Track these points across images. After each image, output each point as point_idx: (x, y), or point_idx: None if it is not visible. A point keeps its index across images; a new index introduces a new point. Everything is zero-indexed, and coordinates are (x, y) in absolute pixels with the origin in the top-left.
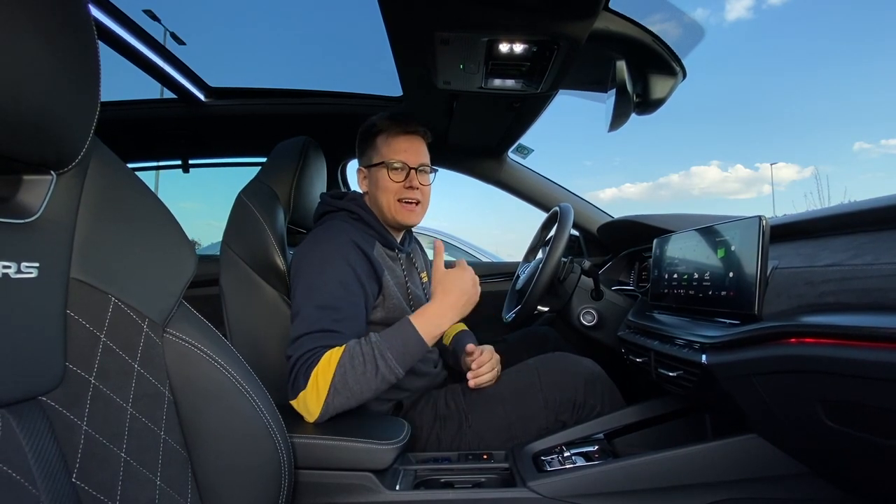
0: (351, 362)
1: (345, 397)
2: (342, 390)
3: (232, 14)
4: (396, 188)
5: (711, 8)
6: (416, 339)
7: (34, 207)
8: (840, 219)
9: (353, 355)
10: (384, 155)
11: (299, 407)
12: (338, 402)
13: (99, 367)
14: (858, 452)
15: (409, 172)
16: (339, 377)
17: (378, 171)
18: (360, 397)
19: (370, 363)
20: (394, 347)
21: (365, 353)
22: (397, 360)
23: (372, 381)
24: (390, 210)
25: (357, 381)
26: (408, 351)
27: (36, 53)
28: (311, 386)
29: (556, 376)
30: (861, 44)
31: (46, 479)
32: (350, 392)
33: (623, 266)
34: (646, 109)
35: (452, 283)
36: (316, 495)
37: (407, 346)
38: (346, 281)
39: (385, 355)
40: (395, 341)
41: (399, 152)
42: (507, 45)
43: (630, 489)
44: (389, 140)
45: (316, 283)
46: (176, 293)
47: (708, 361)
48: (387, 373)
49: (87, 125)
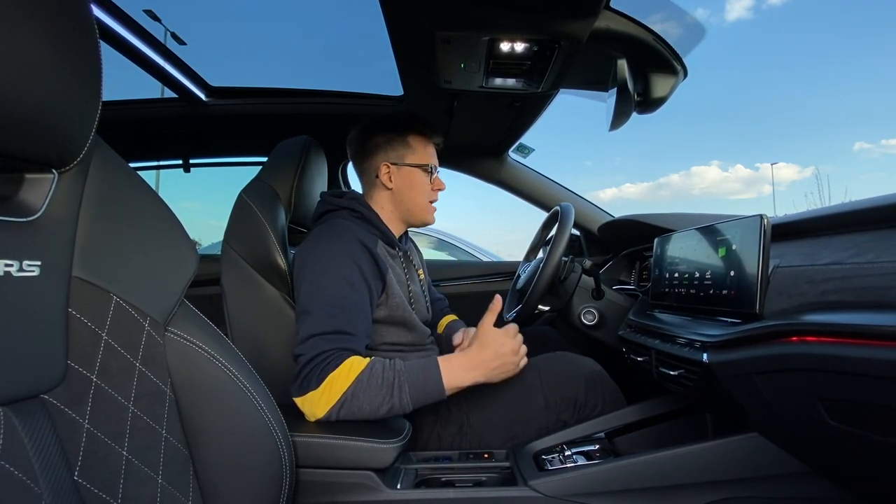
0: (369, 381)
1: (349, 411)
2: (351, 404)
3: (233, 14)
4: (429, 190)
5: (712, 8)
6: (437, 382)
7: (36, 206)
8: (841, 218)
9: (374, 375)
10: (423, 157)
11: (303, 405)
12: (342, 413)
13: (100, 365)
14: (860, 451)
15: (437, 177)
16: (353, 390)
17: (414, 171)
18: (362, 415)
19: (386, 389)
20: (414, 383)
21: (385, 378)
22: (412, 396)
23: (380, 407)
24: (421, 210)
25: (368, 401)
26: (425, 391)
27: (38, 52)
28: (323, 388)
29: (556, 376)
30: (861, 43)
31: (48, 476)
32: (357, 408)
33: (624, 265)
34: (647, 108)
35: (493, 341)
36: (317, 494)
37: (426, 387)
38: (352, 280)
39: (403, 388)
40: (417, 378)
41: (433, 157)
42: (507, 44)
43: (631, 488)
44: (426, 144)
45: (323, 283)
46: (177, 292)
47: (709, 360)
48: (396, 404)
49: (89, 124)
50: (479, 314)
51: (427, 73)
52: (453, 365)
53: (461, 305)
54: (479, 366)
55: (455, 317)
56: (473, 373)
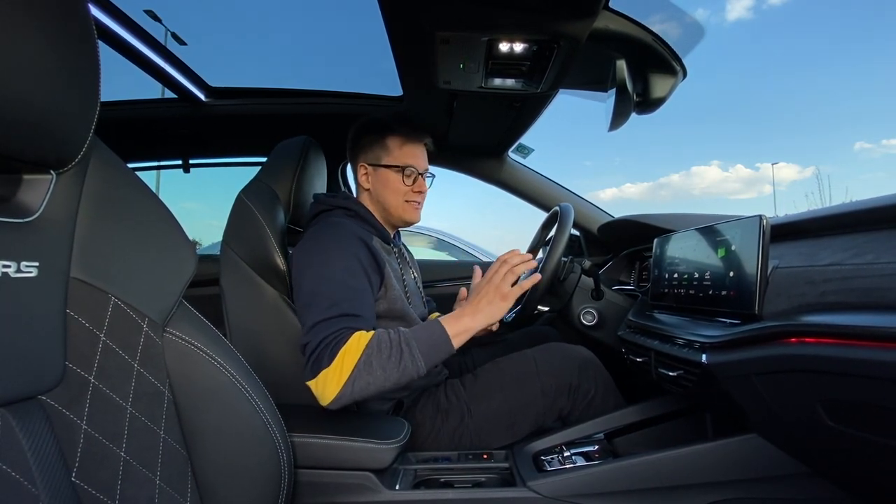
0: (378, 347)
1: (365, 381)
2: (365, 374)
3: (232, 14)
4: (406, 190)
5: (712, 8)
6: (444, 337)
7: (34, 207)
8: (840, 218)
9: (381, 341)
10: (398, 159)
11: (317, 387)
12: (358, 385)
13: (98, 366)
14: (859, 452)
15: (417, 178)
16: (365, 359)
17: (388, 172)
18: (380, 385)
19: (396, 351)
20: (421, 341)
21: (392, 341)
22: (423, 354)
23: (395, 370)
24: (397, 209)
25: (381, 367)
26: (434, 347)
27: (36, 53)
28: (335, 364)
29: (551, 363)
30: (861, 43)
31: (46, 478)
32: (373, 377)
33: (623, 266)
34: (646, 109)
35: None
36: (315, 495)
37: (433, 342)
38: (353, 271)
39: (412, 345)
40: (423, 335)
41: (412, 158)
42: (507, 44)
43: (630, 489)
44: (404, 145)
45: (325, 274)
46: (176, 293)
47: (708, 361)
48: (410, 365)
49: (88, 124)
50: None
51: (426, 73)
52: (454, 318)
53: None
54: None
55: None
56: (469, 317)
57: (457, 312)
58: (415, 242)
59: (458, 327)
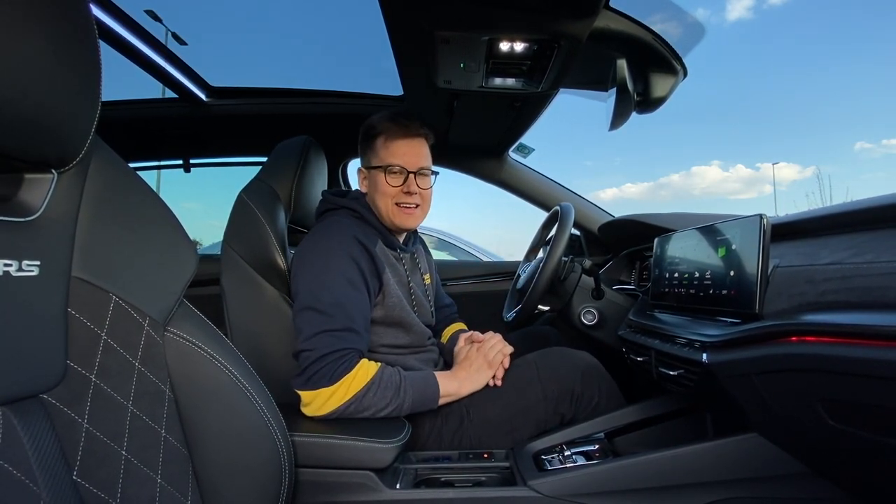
0: (380, 383)
1: (356, 409)
2: (360, 403)
3: (233, 14)
4: (394, 192)
5: (712, 8)
6: (434, 396)
7: (35, 206)
8: (840, 218)
9: (384, 379)
10: (382, 158)
11: (311, 399)
12: (350, 410)
13: (100, 365)
14: (860, 452)
15: (408, 177)
16: (366, 391)
17: (376, 174)
18: (366, 414)
19: (393, 393)
20: (416, 391)
21: (393, 383)
22: (412, 401)
23: (383, 408)
24: (388, 213)
25: (375, 402)
26: (423, 398)
27: (37, 52)
28: (338, 387)
29: (554, 369)
30: (862, 43)
31: (47, 476)
32: (364, 406)
33: (624, 265)
34: (647, 108)
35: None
36: (316, 494)
37: (425, 393)
38: (352, 277)
39: (407, 392)
40: (419, 385)
41: (398, 156)
42: (507, 44)
43: (630, 488)
44: (388, 143)
45: (324, 279)
46: (177, 292)
47: (709, 360)
48: (397, 408)
49: (89, 124)
50: (479, 314)
51: (427, 72)
52: (446, 377)
53: (461, 305)
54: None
55: (462, 325)
56: (458, 383)
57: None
58: None
59: (449, 389)
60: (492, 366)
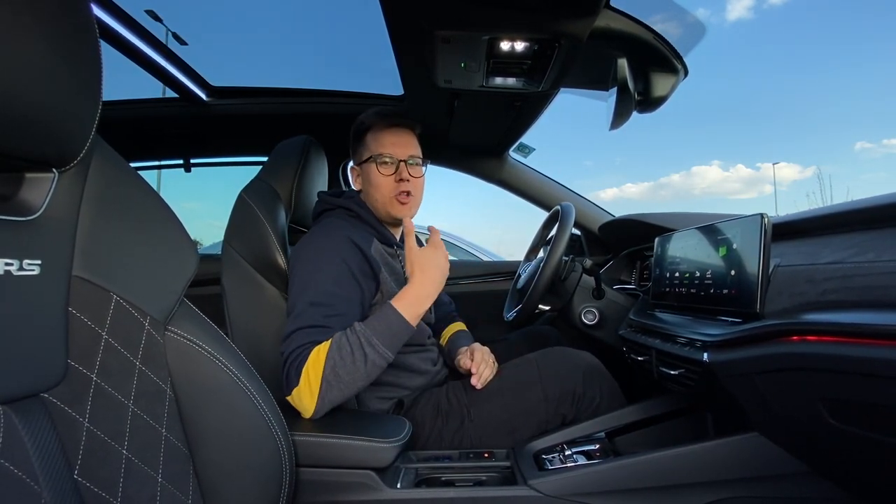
0: (339, 353)
1: (338, 389)
2: (334, 383)
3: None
4: (388, 182)
5: (712, 8)
6: (400, 321)
7: (36, 205)
8: (841, 217)
9: (341, 346)
10: (372, 150)
11: (295, 403)
12: (332, 395)
13: (101, 364)
14: (861, 451)
15: (399, 165)
16: (330, 370)
17: (368, 166)
18: (353, 387)
19: (358, 352)
20: (379, 333)
21: (352, 343)
22: (385, 344)
23: (362, 369)
24: (384, 205)
25: (348, 372)
26: (394, 334)
27: (38, 52)
28: (303, 382)
29: (555, 369)
30: (862, 43)
31: (48, 475)
32: (343, 383)
33: (624, 265)
34: (647, 108)
35: (428, 260)
36: (317, 493)
37: (392, 329)
38: (339, 278)
39: (372, 342)
40: (380, 326)
41: (386, 146)
42: (508, 43)
43: (631, 488)
44: (377, 135)
45: (309, 280)
46: (177, 291)
47: (709, 360)
48: (377, 358)
49: (89, 123)
50: (479, 314)
51: (427, 72)
52: (408, 298)
53: (462, 305)
54: (430, 286)
55: (461, 326)
56: (428, 294)
57: (412, 293)
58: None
59: (414, 309)
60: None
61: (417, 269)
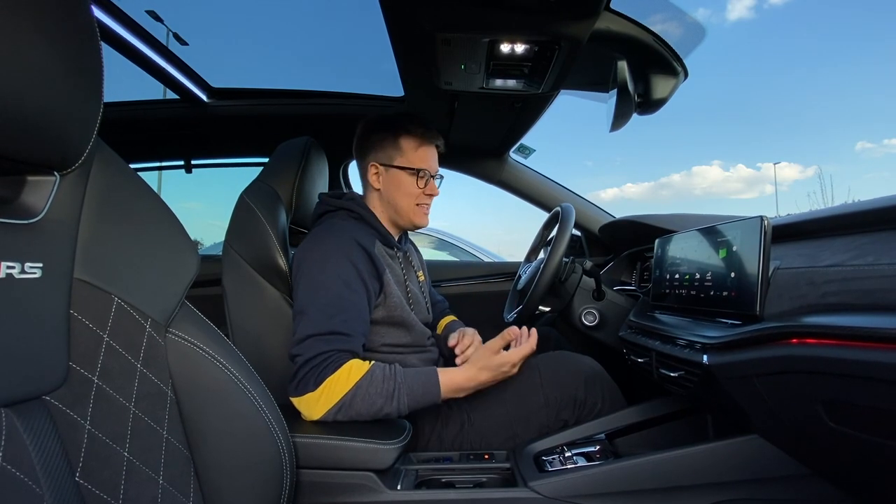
0: (368, 387)
1: (346, 414)
2: (349, 408)
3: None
4: (418, 193)
5: (713, 8)
6: (435, 392)
7: (38, 208)
8: (841, 219)
9: (374, 381)
10: (412, 161)
11: (299, 405)
12: (339, 415)
13: (102, 366)
14: (860, 453)
15: (428, 181)
16: (352, 395)
17: (401, 174)
18: (359, 417)
19: (385, 397)
20: (413, 393)
21: (385, 387)
22: (409, 403)
23: (377, 412)
24: (408, 212)
25: (365, 406)
26: (422, 401)
27: (39, 55)
28: (321, 391)
29: (556, 375)
30: (863, 43)
31: (50, 477)
32: (355, 411)
33: (625, 266)
34: (647, 109)
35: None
36: (317, 494)
37: (424, 396)
38: (349, 279)
39: (401, 396)
40: (416, 388)
41: (426, 160)
42: (508, 45)
43: (631, 489)
44: (418, 147)
45: (320, 282)
46: (178, 293)
47: (709, 362)
48: (394, 410)
49: (91, 126)
50: (480, 314)
51: (428, 74)
52: (452, 378)
53: (462, 306)
54: (476, 384)
55: (454, 317)
56: (469, 385)
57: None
58: (415, 242)
59: (453, 387)
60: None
61: (480, 365)
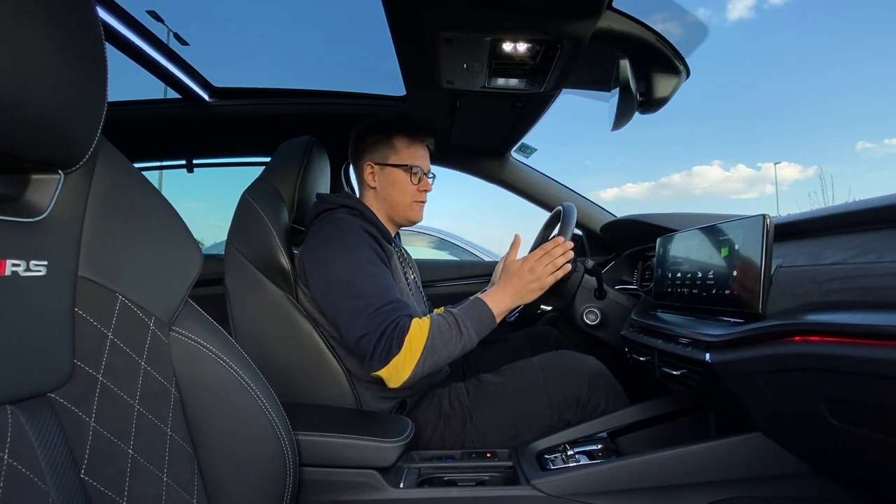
0: (439, 330)
1: (433, 360)
2: (432, 353)
3: (235, 14)
4: (413, 190)
5: (713, 8)
6: (489, 314)
7: (42, 206)
8: (843, 217)
9: (441, 325)
10: (405, 158)
11: (387, 373)
12: (427, 364)
13: (106, 364)
14: (863, 451)
15: (423, 177)
16: (431, 343)
17: (396, 171)
18: (444, 360)
19: (455, 331)
20: (473, 319)
21: (450, 323)
22: (475, 330)
23: (455, 347)
24: (404, 209)
25: (445, 346)
26: (483, 323)
27: (44, 54)
28: (405, 351)
29: (560, 375)
30: (863, 43)
31: (55, 474)
32: (438, 355)
33: (626, 265)
34: (649, 108)
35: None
36: (320, 492)
37: (482, 319)
38: (374, 260)
39: (466, 325)
40: (473, 314)
41: (419, 158)
42: (510, 44)
43: (633, 487)
44: (410, 145)
45: (352, 269)
46: (182, 292)
47: (712, 360)
48: (467, 341)
49: (95, 125)
50: None
51: (429, 73)
52: (493, 297)
53: None
54: (510, 292)
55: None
56: (509, 298)
57: (496, 293)
58: (416, 242)
59: (500, 307)
60: (542, 287)
61: (506, 275)
